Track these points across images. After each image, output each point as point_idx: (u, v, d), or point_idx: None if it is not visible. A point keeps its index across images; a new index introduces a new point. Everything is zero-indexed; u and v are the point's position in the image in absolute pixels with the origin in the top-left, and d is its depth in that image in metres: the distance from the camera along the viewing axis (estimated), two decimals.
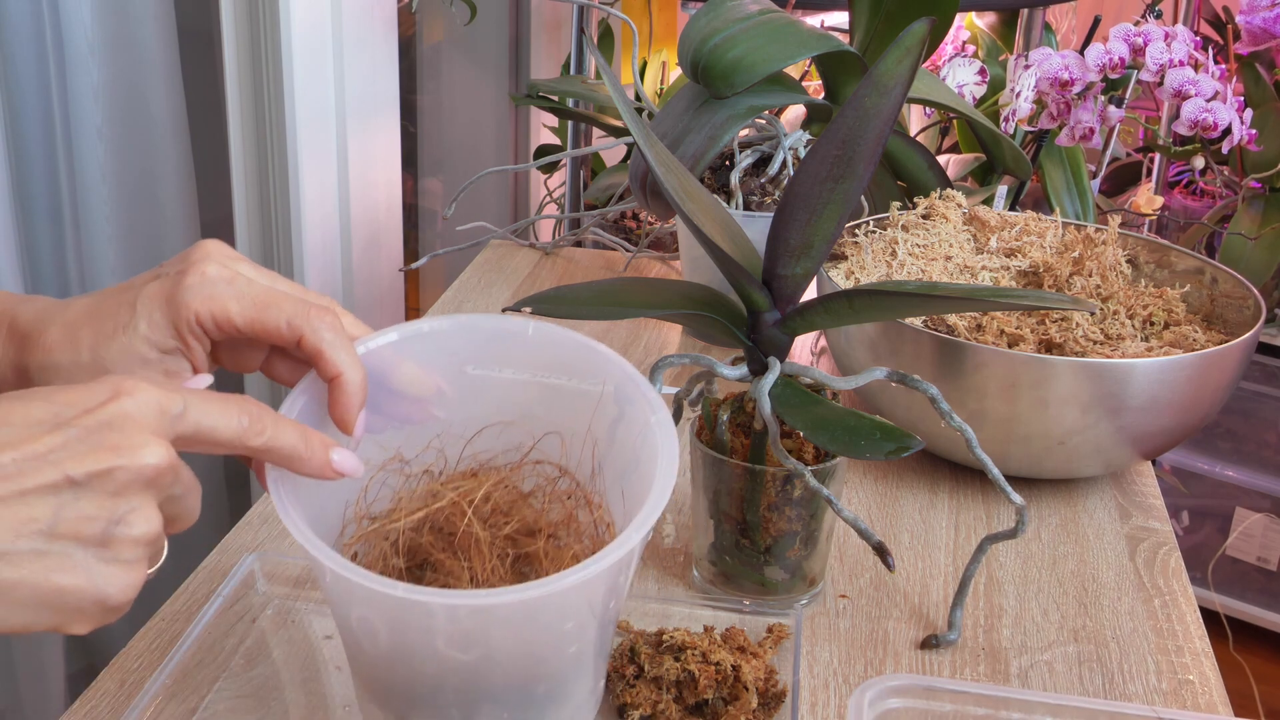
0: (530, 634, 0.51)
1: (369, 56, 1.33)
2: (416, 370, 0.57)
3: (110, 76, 1.20)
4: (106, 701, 0.64)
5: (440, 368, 0.58)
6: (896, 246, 0.94)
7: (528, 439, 0.61)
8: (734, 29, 0.94)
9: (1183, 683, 0.69)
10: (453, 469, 0.61)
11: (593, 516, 0.59)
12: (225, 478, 1.43)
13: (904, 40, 0.62)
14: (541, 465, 0.60)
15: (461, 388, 0.59)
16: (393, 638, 0.50)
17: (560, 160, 1.46)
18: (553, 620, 0.51)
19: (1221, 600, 2.00)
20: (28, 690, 1.25)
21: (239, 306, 0.53)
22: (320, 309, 0.54)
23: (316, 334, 0.53)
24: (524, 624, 0.50)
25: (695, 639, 0.63)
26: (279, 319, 0.53)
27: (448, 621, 0.49)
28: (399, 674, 0.52)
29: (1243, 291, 0.89)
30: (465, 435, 0.60)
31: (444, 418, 0.58)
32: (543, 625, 0.51)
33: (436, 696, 0.52)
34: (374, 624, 0.50)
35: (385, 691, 0.53)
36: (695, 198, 0.68)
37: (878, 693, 0.49)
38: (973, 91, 1.24)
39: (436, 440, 0.60)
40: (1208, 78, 1.15)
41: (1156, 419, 0.80)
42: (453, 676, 0.51)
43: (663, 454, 0.53)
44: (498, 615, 0.49)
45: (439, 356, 0.58)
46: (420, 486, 0.60)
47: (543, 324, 0.59)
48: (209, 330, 0.53)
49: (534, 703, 0.53)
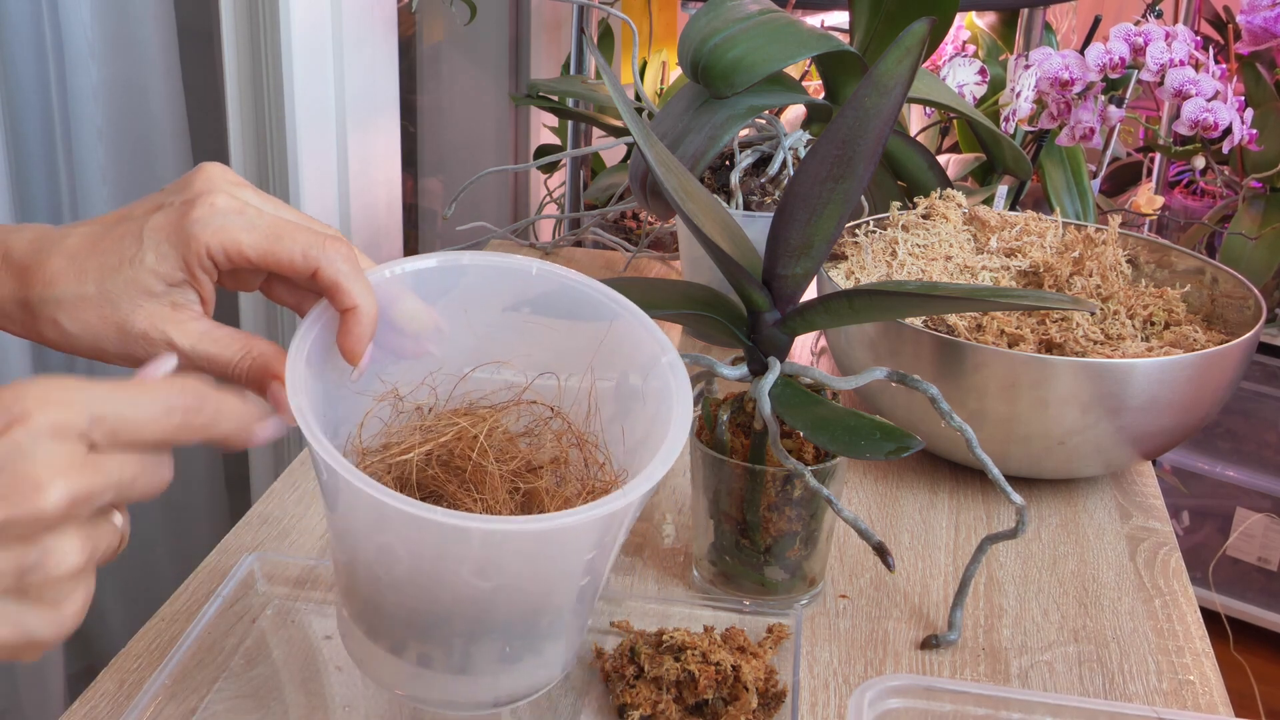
0: (550, 564, 0.51)
1: (369, 56, 1.33)
2: (418, 305, 0.56)
3: (110, 76, 1.20)
4: (106, 702, 0.64)
5: (439, 304, 0.57)
6: (896, 246, 0.94)
7: (521, 379, 0.60)
8: (734, 29, 0.94)
9: (1183, 683, 0.69)
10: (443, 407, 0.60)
11: (583, 456, 0.58)
12: (225, 478, 1.43)
13: (904, 40, 0.62)
14: (536, 406, 0.59)
15: (458, 325, 0.58)
16: (415, 564, 0.50)
17: (560, 160, 1.46)
18: (576, 550, 0.51)
19: (1222, 600, 2.00)
20: (27, 690, 1.25)
21: (251, 239, 0.52)
22: (334, 239, 0.53)
23: (333, 265, 0.52)
24: (548, 553, 0.50)
25: (695, 639, 0.63)
26: (293, 251, 0.52)
27: (483, 548, 0.48)
28: (410, 603, 0.51)
29: (1243, 291, 0.89)
30: (458, 373, 0.59)
31: (439, 354, 0.57)
32: (565, 555, 0.51)
33: (444, 626, 0.52)
34: (396, 551, 0.50)
35: (387, 621, 0.53)
36: (695, 198, 0.68)
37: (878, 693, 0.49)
38: (973, 91, 1.24)
39: (430, 377, 0.59)
40: (1208, 77, 1.15)
41: (1157, 419, 0.80)
42: (469, 606, 0.51)
43: (677, 392, 0.53)
44: (529, 543, 0.48)
45: (438, 293, 0.57)
46: (409, 422, 0.59)
47: (546, 264, 0.58)
48: (219, 263, 0.52)
49: (535, 635, 0.53)
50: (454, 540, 0.48)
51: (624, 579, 0.76)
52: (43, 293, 0.52)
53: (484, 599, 0.51)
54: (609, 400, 0.58)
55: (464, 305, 0.58)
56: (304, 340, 0.52)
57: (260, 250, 0.52)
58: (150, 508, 1.34)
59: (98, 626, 1.36)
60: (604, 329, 0.58)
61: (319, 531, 0.79)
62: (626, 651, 0.64)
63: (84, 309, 0.51)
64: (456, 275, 0.57)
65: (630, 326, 0.57)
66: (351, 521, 0.51)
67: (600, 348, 0.58)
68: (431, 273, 0.57)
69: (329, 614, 0.69)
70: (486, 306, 0.58)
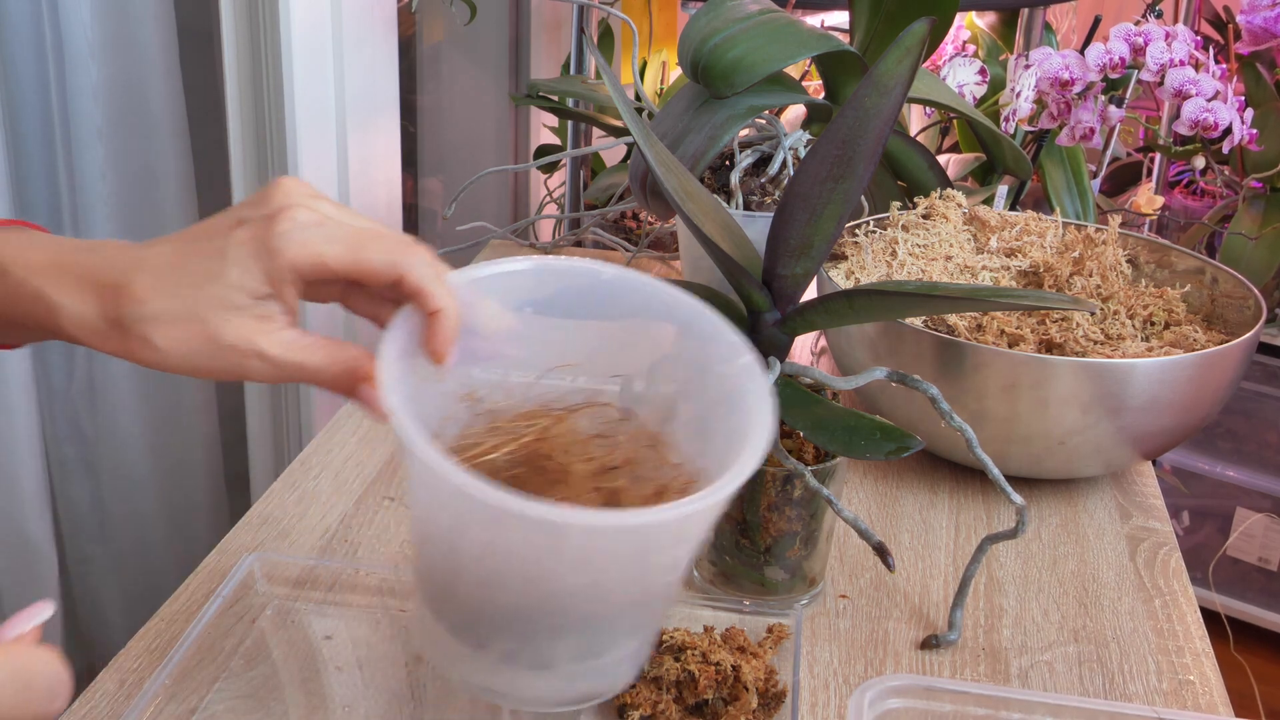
0: (643, 559, 0.51)
1: (369, 56, 1.33)
2: (494, 308, 0.56)
3: (110, 76, 1.20)
4: (106, 702, 0.64)
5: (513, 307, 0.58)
6: (896, 246, 0.94)
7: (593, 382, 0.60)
8: (734, 29, 0.94)
9: (1183, 683, 0.69)
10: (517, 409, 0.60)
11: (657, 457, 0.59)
12: (225, 477, 1.43)
13: (904, 40, 0.62)
14: (607, 409, 0.60)
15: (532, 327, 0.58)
16: (511, 560, 0.50)
17: (560, 160, 1.46)
18: (669, 545, 0.51)
19: (1222, 600, 2.00)
20: None
21: (334, 250, 0.53)
22: (415, 245, 0.54)
23: (416, 270, 0.53)
24: (643, 547, 0.50)
25: (695, 639, 0.63)
26: (376, 259, 0.53)
27: (583, 542, 0.49)
28: (500, 599, 0.52)
29: (1243, 291, 0.89)
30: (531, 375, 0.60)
31: (516, 356, 0.58)
32: (658, 549, 0.51)
33: (531, 621, 0.52)
34: (495, 546, 0.50)
35: (474, 617, 0.53)
36: (695, 198, 0.68)
37: (878, 693, 0.49)
38: (973, 91, 1.24)
39: (503, 379, 0.60)
40: (1208, 77, 1.15)
41: (1157, 419, 0.80)
42: (560, 600, 0.51)
43: (754, 393, 0.53)
44: (627, 537, 0.49)
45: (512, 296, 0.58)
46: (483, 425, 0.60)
47: (617, 268, 0.58)
48: (304, 275, 0.53)
49: (618, 631, 0.54)
50: (555, 536, 0.48)
51: None
52: (134, 310, 0.53)
53: (576, 594, 0.51)
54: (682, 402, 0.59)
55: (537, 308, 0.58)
56: (392, 344, 0.53)
57: (344, 261, 0.53)
58: (150, 508, 1.34)
59: (98, 626, 1.36)
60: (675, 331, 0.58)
61: (319, 531, 0.79)
62: None
63: (175, 325, 0.53)
64: (529, 278, 0.58)
65: (705, 328, 0.57)
66: (447, 518, 0.52)
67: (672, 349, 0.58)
68: (504, 277, 0.57)
69: (329, 614, 0.69)
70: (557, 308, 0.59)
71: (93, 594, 1.35)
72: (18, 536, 1.20)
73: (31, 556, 1.21)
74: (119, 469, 1.31)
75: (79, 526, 1.33)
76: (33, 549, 1.21)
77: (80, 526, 1.33)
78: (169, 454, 1.35)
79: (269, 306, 0.53)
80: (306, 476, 0.86)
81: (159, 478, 1.34)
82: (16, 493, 1.18)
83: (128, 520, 1.33)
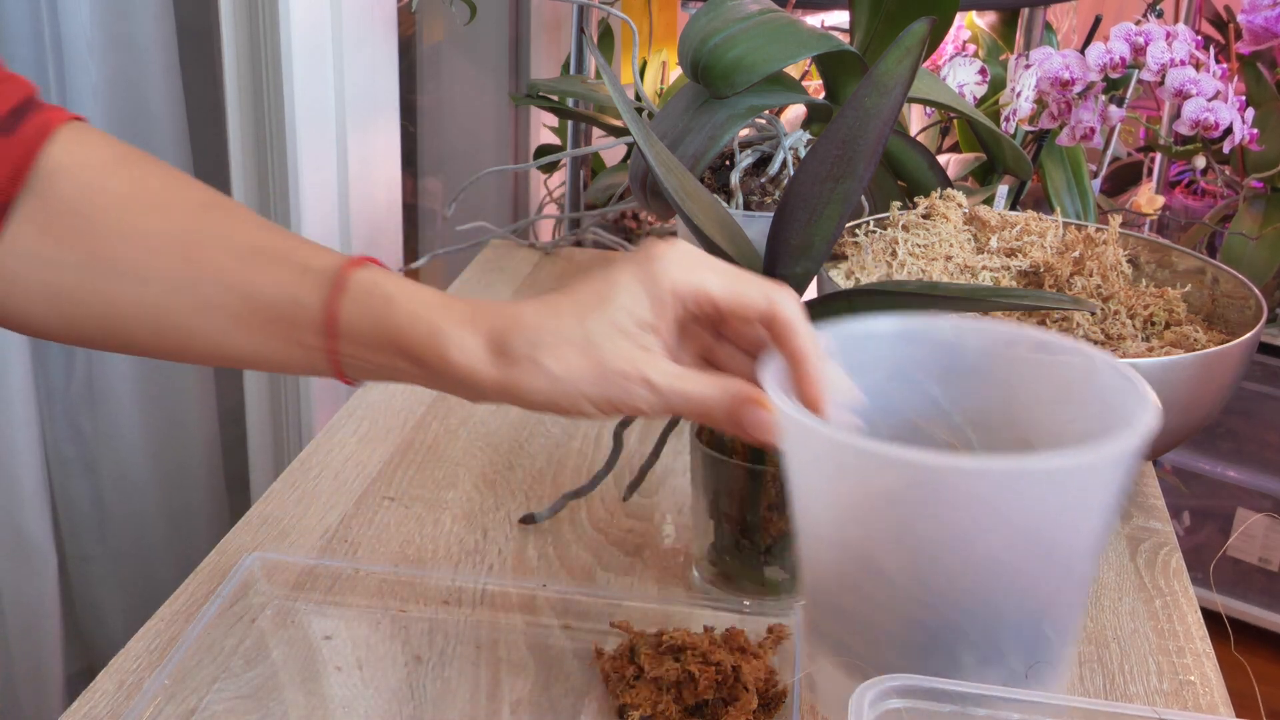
0: (1070, 517, 0.50)
1: (369, 56, 1.33)
2: (838, 373, 0.57)
3: (110, 76, 1.20)
4: (105, 702, 0.63)
5: (867, 368, 0.58)
6: (896, 246, 0.94)
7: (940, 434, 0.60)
8: (734, 29, 0.94)
9: (1184, 683, 0.69)
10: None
11: None
12: (225, 477, 1.43)
13: (904, 40, 0.62)
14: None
15: (880, 391, 0.58)
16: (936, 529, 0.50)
17: (560, 160, 1.46)
18: (1096, 501, 0.50)
19: (1223, 600, 2.00)
20: (26, 691, 1.25)
21: (717, 280, 0.55)
22: (786, 287, 0.56)
23: (788, 308, 0.55)
24: (1069, 503, 0.49)
25: (695, 639, 0.63)
26: (755, 294, 0.55)
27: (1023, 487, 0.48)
28: (929, 581, 0.51)
29: (1244, 291, 0.89)
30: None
31: (859, 424, 0.57)
32: (1086, 505, 0.50)
33: (957, 638, 0.52)
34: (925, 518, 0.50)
35: (890, 643, 0.52)
36: (695, 198, 0.68)
37: (878, 693, 0.49)
38: (973, 91, 1.24)
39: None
40: (1209, 77, 1.14)
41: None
42: (989, 596, 0.51)
43: (1132, 384, 0.53)
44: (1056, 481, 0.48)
45: (874, 360, 0.58)
46: None
47: (964, 321, 0.59)
48: (686, 301, 0.55)
49: (1041, 644, 0.52)
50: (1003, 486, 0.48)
51: (624, 579, 0.76)
52: (525, 336, 0.55)
53: (1002, 584, 0.50)
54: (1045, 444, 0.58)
55: (894, 374, 0.59)
56: (771, 378, 0.54)
57: (726, 291, 0.55)
58: (150, 508, 1.34)
59: (97, 626, 1.36)
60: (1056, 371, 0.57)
61: (319, 531, 0.79)
62: (626, 652, 0.64)
63: (567, 349, 0.55)
64: (875, 341, 0.59)
65: (1079, 366, 0.57)
66: (864, 508, 0.51)
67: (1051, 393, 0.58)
68: (870, 340, 0.58)
69: (329, 614, 0.69)
70: (896, 369, 0.59)
71: (93, 594, 1.35)
72: (17, 536, 1.20)
73: (31, 556, 1.21)
74: (119, 469, 1.31)
75: (79, 526, 1.33)
76: (32, 549, 1.21)
77: (80, 526, 1.33)
78: (169, 454, 1.35)
79: (650, 339, 0.55)
80: (306, 476, 0.86)
81: (159, 478, 1.34)
82: (16, 492, 1.18)
83: (128, 520, 1.33)
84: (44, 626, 1.24)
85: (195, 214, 0.61)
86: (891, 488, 0.50)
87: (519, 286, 1.22)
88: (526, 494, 0.84)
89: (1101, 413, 0.54)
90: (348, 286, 0.57)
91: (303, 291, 0.57)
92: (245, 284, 0.58)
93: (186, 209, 0.61)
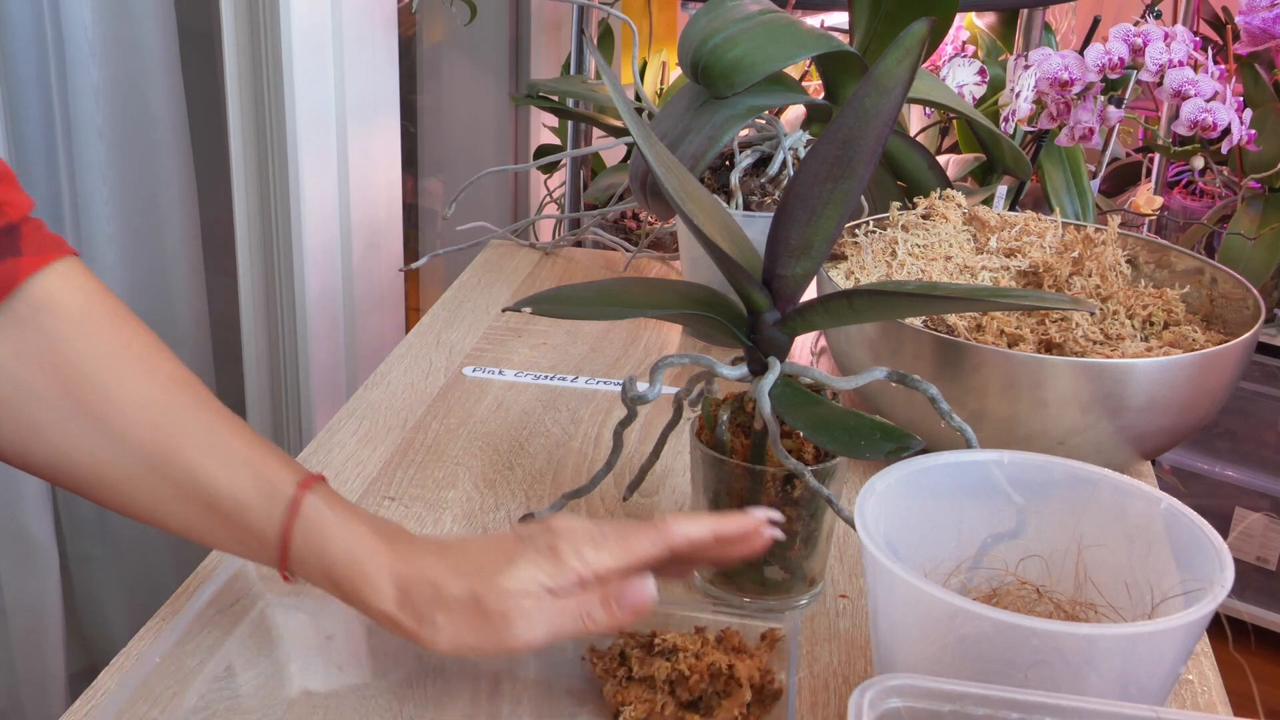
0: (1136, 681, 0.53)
1: (369, 56, 1.33)
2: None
3: (110, 76, 1.20)
4: (107, 701, 0.64)
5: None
6: (896, 246, 0.94)
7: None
8: (734, 29, 0.94)
9: (1182, 682, 0.69)
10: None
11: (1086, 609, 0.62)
12: None
13: (904, 40, 0.62)
14: (1024, 588, 0.62)
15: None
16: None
17: (560, 160, 1.46)
18: (1161, 670, 0.53)
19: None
20: (28, 690, 1.25)
21: (611, 553, 0.61)
22: (661, 522, 0.63)
23: (674, 524, 0.63)
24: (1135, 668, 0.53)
25: (687, 641, 0.63)
26: (646, 542, 0.62)
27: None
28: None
29: (1242, 291, 0.89)
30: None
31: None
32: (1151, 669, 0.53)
33: None
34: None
35: None
36: (695, 198, 0.68)
37: (878, 693, 0.49)
38: (973, 91, 1.24)
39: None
40: (1207, 78, 1.15)
41: (1156, 419, 0.80)
42: None
43: (1200, 536, 0.57)
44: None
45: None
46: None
47: (1018, 455, 0.63)
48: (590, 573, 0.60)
49: None
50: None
51: None
52: (426, 594, 0.60)
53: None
54: (1095, 564, 0.62)
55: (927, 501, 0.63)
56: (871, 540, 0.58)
57: (621, 560, 0.61)
58: None
59: (98, 626, 1.37)
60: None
61: None
62: (616, 655, 0.64)
63: (460, 610, 0.60)
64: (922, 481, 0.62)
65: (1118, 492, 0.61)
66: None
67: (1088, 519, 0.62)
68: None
69: (329, 614, 0.69)
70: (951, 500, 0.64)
71: (93, 594, 1.35)
72: (19, 535, 1.20)
73: (33, 556, 1.21)
74: None
75: (80, 526, 1.33)
76: (34, 548, 1.21)
77: (81, 526, 1.33)
78: None
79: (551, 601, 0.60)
80: None
81: None
82: (17, 492, 1.18)
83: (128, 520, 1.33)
84: (46, 626, 1.24)
85: (167, 387, 0.63)
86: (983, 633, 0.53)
87: (519, 286, 1.22)
88: (526, 494, 0.84)
89: (1168, 561, 0.58)
90: (300, 511, 0.61)
91: (260, 504, 0.61)
92: (207, 477, 0.61)
93: (161, 380, 0.63)
